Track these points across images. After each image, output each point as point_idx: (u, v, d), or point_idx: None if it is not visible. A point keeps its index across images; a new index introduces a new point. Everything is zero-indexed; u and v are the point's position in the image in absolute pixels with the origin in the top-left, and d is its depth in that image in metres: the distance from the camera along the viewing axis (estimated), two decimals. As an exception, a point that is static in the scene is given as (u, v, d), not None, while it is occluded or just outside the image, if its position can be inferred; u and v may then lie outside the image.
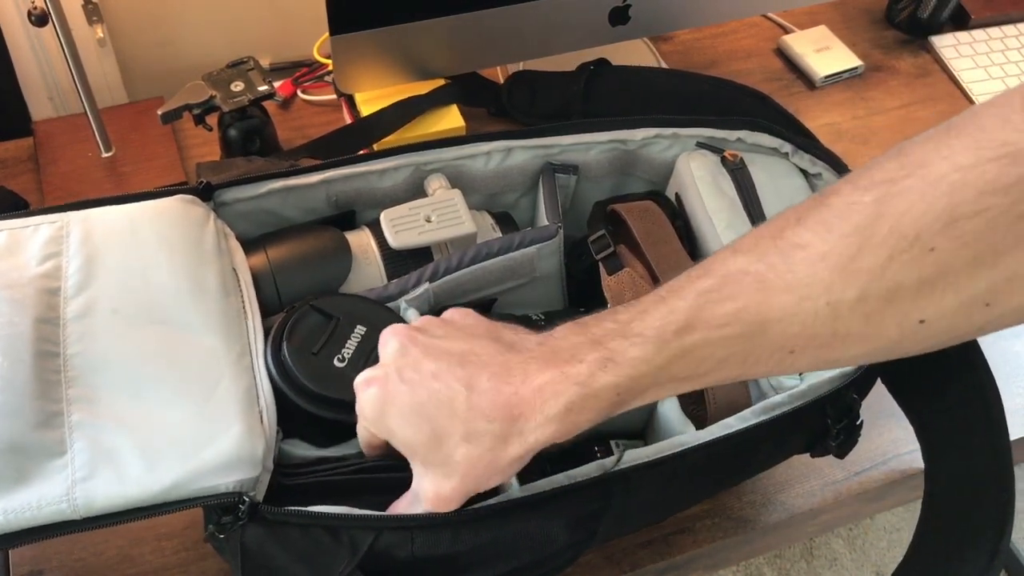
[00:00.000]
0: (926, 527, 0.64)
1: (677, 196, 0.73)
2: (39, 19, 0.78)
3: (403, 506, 0.51)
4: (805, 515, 0.70)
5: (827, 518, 0.73)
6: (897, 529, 1.59)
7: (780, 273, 0.42)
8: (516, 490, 0.53)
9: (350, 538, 0.50)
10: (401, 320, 0.61)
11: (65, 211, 0.59)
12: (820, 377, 0.58)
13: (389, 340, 0.51)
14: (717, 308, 0.44)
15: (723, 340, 0.44)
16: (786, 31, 1.11)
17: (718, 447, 0.56)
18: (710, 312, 0.44)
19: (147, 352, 0.53)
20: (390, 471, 0.53)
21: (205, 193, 0.63)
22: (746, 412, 0.57)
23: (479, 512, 0.51)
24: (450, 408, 0.47)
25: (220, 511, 0.49)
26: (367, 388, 0.49)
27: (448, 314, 0.53)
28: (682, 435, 0.57)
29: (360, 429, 0.53)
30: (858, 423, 0.59)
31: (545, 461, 0.54)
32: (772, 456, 0.63)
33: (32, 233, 0.57)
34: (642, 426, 0.66)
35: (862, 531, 1.59)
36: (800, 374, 0.61)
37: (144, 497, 0.47)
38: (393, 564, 0.51)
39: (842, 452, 0.61)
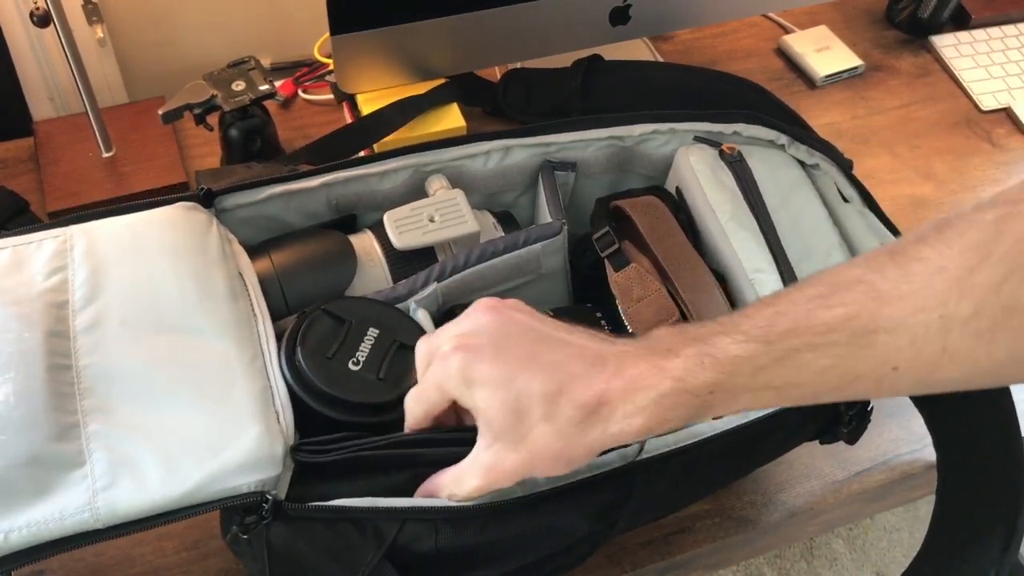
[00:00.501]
0: (939, 519, 0.64)
1: (678, 190, 0.73)
2: (41, 20, 0.78)
3: (448, 477, 0.50)
4: (805, 515, 0.70)
5: (827, 518, 0.73)
6: (897, 529, 1.59)
7: (894, 283, 0.42)
8: (542, 481, 0.53)
9: (375, 529, 0.50)
10: (413, 321, 0.61)
11: (67, 225, 0.59)
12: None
13: (480, 312, 0.50)
14: (826, 313, 0.43)
15: (828, 347, 0.43)
16: (786, 31, 1.11)
17: (736, 435, 0.56)
18: (818, 317, 0.43)
19: (159, 359, 0.53)
20: (423, 446, 0.52)
21: (206, 200, 0.63)
22: None
23: (507, 504, 0.51)
24: (540, 387, 0.47)
25: (243, 512, 0.49)
26: (458, 353, 0.49)
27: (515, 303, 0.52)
28: (700, 424, 0.57)
29: (421, 394, 0.51)
30: (869, 409, 0.60)
31: None
32: (785, 443, 0.64)
33: (36, 249, 0.58)
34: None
35: (862, 531, 1.59)
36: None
37: (166, 502, 0.48)
38: (418, 556, 0.51)
39: (853, 438, 0.61)
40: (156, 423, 0.51)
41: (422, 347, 0.52)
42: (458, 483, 0.50)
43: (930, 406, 0.67)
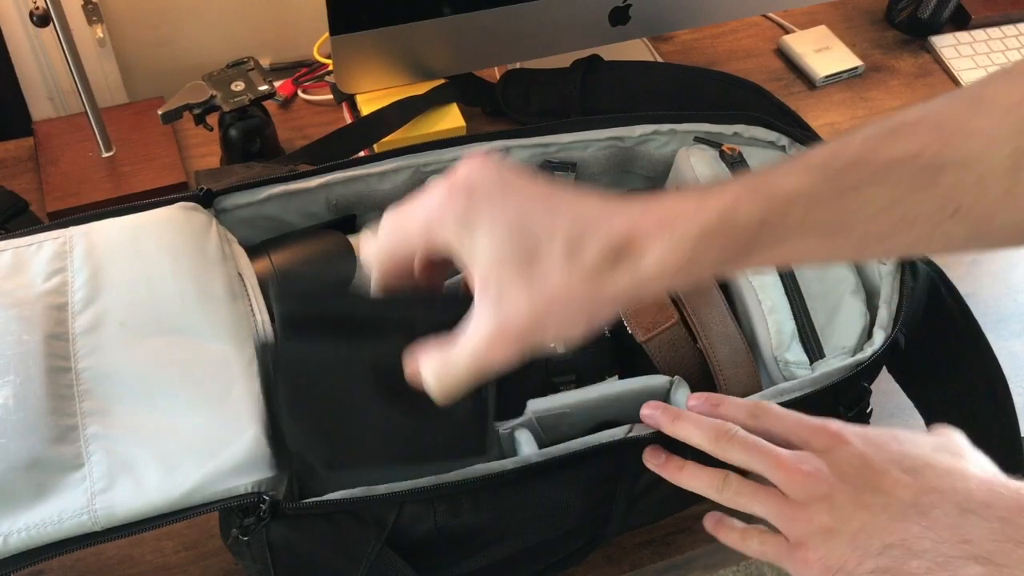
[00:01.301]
0: None
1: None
2: (41, 19, 0.78)
3: (436, 358, 0.43)
4: (805, 515, 0.70)
5: (827, 518, 0.72)
6: (897, 529, 1.59)
7: (963, 120, 0.40)
8: (534, 454, 0.54)
9: (374, 517, 0.51)
10: None
11: (67, 227, 0.59)
12: (831, 366, 0.58)
13: (475, 161, 0.43)
14: (890, 149, 0.40)
15: (891, 184, 0.40)
16: (786, 31, 1.11)
17: None
18: (882, 152, 0.40)
19: (158, 361, 0.53)
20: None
21: (206, 200, 0.63)
22: (755, 397, 0.57)
23: (499, 477, 0.52)
24: (561, 225, 0.40)
25: (242, 513, 0.49)
26: (459, 194, 0.41)
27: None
28: None
29: (396, 233, 0.44)
30: (868, 411, 0.60)
31: None
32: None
33: (36, 251, 0.58)
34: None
35: (862, 531, 1.59)
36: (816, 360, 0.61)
37: (164, 504, 0.48)
38: (419, 540, 0.52)
39: None
40: (155, 424, 0.51)
41: (392, 214, 0.44)
42: (445, 367, 0.42)
43: (927, 403, 0.67)
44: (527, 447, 0.56)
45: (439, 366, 0.43)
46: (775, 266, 0.47)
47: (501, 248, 0.40)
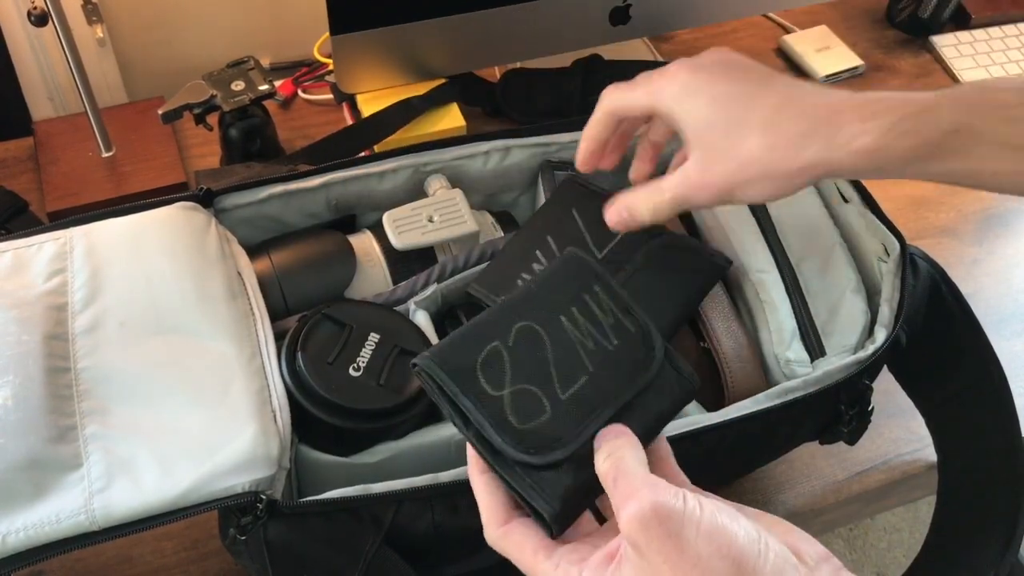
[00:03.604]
0: (939, 519, 0.65)
1: None
2: (39, 19, 0.78)
3: (643, 192, 0.53)
4: (806, 515, 0.70)
5: (827, 518, 0.73)
6: (897, 529, 1.59)
7: None
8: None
9: (371, 515, 0.51)
10: (414, 327, 0.61)
11: (67, 227, 0.59)
12: (834, 364, 0.58)
13: (711, 51, 0.51)
14: None
15: None
16: (786, 31, 1.10)
17: (733, 428, 0.56)
18: None
19: (157, 360, 0.53)
20: None
21: (205, 199, 0.63)
22: (760, 396, 0.57)
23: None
24: (767, 96, 0.47)
25: (239, 512, 0.49)
26: (685, 67, 0.50)
27: None
28: (701, 415, 0.57)
29: (621, 91, 0.54)
30: (869, 409, 0.60)
31: None
32: (784, 442, 0.64)
33: (36, 251, 0.58)
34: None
35: (862, 531, 1.59)
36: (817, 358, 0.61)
37: (162, 503, 0.48)
38: (418, 538, 0.51)
39: (853, 439, 0.61)
40: (153, 424, 0.51)
41: (618, 85, 0.54)
42: (655, 198, 0.51)
43: (928, 401, 0.67)
44: None
45: (650, 191, 0.53)
46: (961, 179, 0.47)
47: (713, 113, 0.47)
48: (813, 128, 0.45)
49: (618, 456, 0.40)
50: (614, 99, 0.55)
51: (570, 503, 0.41)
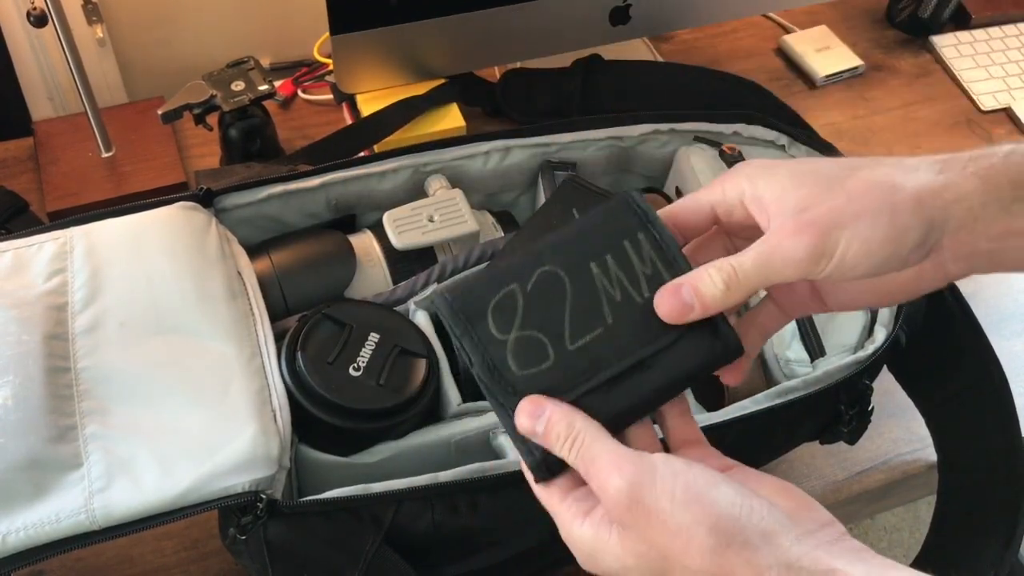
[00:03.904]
0: (939, 519, 0.65)
1: (677, 190, 0.73)
2: (38, 19, 0.78)
3: (719, 269, 0.43)
4: (805, 515, 0.70)
5: (827, 518, 0.72)
6: (897, 529, 1.59)
7: None
8: None
9: (371, 515, 0.51)
10: (414, 327, 0.61)
11: (67, 227, 0.59)
12: (834, 364, 0.58)
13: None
14: None
15: None
16: (786, 31, 1.10)
17: (733, 428, 0.56)
18: None
19: (157, 360, 0.53)
20: None
21: (206, 199, 0.63)
22: (760, 396, 0.57)
23: (496, 478, 0.51)
24: (847, 160, 0.44)
25: (239, 512, 0.49)
26: (744, 163, 0.45)
27: None
28: (697, 415, 0.57)
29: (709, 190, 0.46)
30: (869, 409, 0.60)
31: None
32: (784, 442, 0.64)
33: (37, 251, 0.58)
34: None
35: (862, 531, 1.59)
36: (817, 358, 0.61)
37: (161, 503, 0.48)
38: (418, 537, 0.51)
39: (853, 438, 0.61)
40: (153, 424, 0.51)
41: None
42: (731, 262, 0.42)
43: (928, 401, 0.67)
44: None
45: (725, 262, 0.42)
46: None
47: (800, 175, 0.42)
48: (922, 161, 0.41)
49: (583, 445, 0.40)
50: (687, 205, 0.46)
51: (555, 459, 0.41)
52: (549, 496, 0.42)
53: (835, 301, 0.47)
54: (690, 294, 0.43)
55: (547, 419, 0.41)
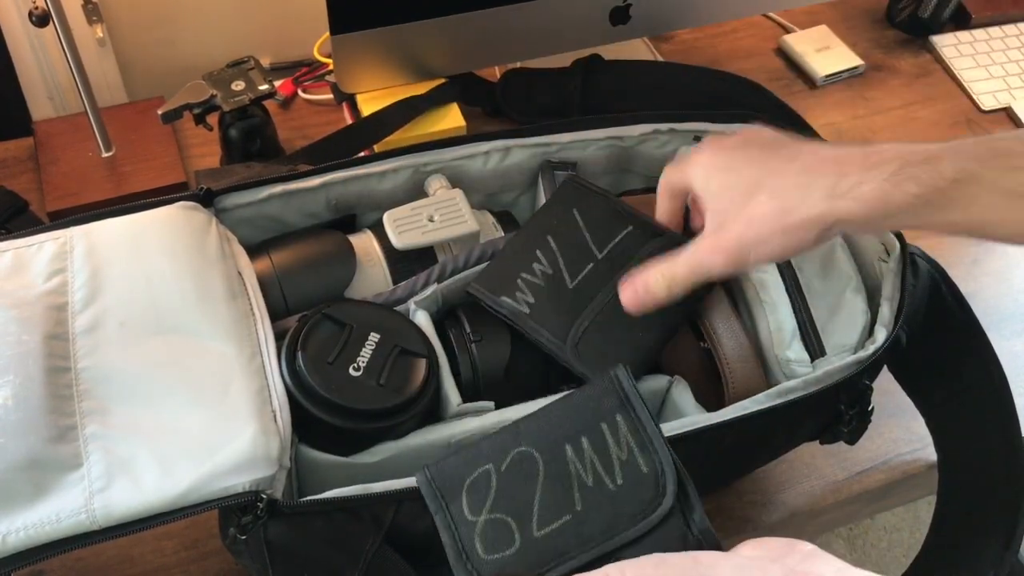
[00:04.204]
0: (939, 519, 0.65)
1: None
2: (40, 19, 0.78)
3: (661, 266, 0.55)
4: (805, 515, 0.70)
5: (827, 518, 0.73)
6: (897, 529, 1.59)
7: None
8: None
9: (371, 515, 0.51)
10: (414, 327, 0.61)
11: (67, 227, 0.59)
12: (834, 364, 0.58)
13: (739, 133, 0.56)
14: None
15: None
16: (787, 31, 1.10)
17: (733, 428, 0.56)
18: None
19: (157, 360, 0.53)
20: None
21: (206, 199, 0.63)
22: (760, 396, 0.57)
23: None
24: (772, 160, 0.50)
25: (239, 512, 0.49)
26: (705, 147, 0.56)
27: None
28: (696, 416, 0.57)
29: (668, 174, 0.60)
30: (869, 409, 0.60)
31: None
32: (784, 442, 0.64)
33: (37, 251, 0.58)
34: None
35: (862, 531, 1.59)
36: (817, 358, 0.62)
37: (162, 503, 0.48)
38: (418, 536, 0.51)
39: (853, 438, 0.61)
40: (153, 424, 0.51)
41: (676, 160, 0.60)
42: (669, 270, 0.54)
43: (929, 401, 0.67)
44: None
45: (664, 265, 0.54)
46: (967, 229, 0.47)
47: (727, 181, 0.52)
48: (818, 180, 0.47)
49: None
50: (665, 176, 0.60)
51: None
52: None
53: None
54: (643, 290, 0.56)
55: None
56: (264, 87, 0.83)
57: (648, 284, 0.55)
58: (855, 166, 0.47)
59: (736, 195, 0.51)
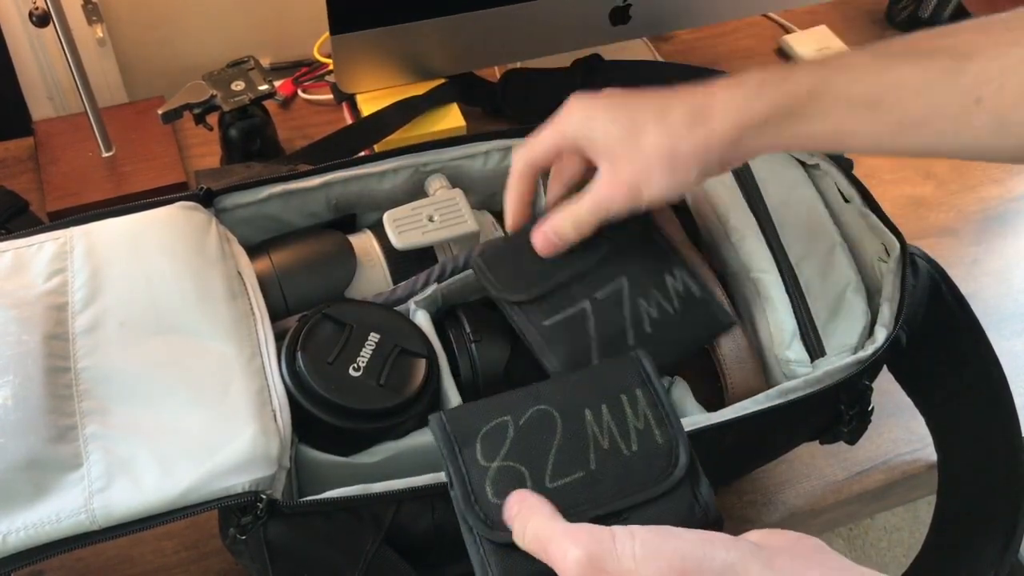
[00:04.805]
0: (939, 519, 0.65)
1: None
2: (40, 19, 0.78)
3: (564, 212, 0.57)
4: (805, 515, 0.70)
5: (827, 518, 0.73)
6: (897, 529, 1.59)
7: (998, 31, 0.46)
8: None
9: (371, 515, 0.51)
10: (414, 327, 0.61)
11: (67, 227, 0.59)
12: (834, 364, 0.58)
13: (581, 100, 0.57)
14: (937, 39, 0.48)
15: (924, 66, 0.47)
16: (787, 31, 1.10)
17: (733, 428, 0.56)
18: (929, 40, 0.48)
19: (157, 360, 0.53)
20: None
21: (206, 199, 0.63)
22: (760, 396, 0.57)
23: None
24: (651, 105, 0.53)
25: (239, 512, 0.49)
26: (578, 101, 0.56)
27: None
28: (696, 416, 0.57)
29: (535, 140, 0.59)
30: (869, 409, 0.60)
31: None
32: (784, 442, 0.64)
33: (37, 251, 0.58)
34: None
35: (862, 531, 1.59)
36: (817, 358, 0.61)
37: (162, 503, 0.48)
38: (418, 537, 0.51)
39: (853, 438, 0.61)
40: (153, 424, 0.51)
41: (525, 141, 0.59)
42: (574, 212, 0.56)
43: (929, 401, 0.68)
44: None
45: (568, 209, 0.57)
46: (827, 143, 0.52)
47: (614, 123, 0.54)
48: (696, 110, 0.51)
49: (534, 527, 0.40)
50: (523, 153, 0.59)
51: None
52: None
53: None
54: (552, 233, 0.58)
55: (507, 502, 0.42)
56: (264, 87, 0.83)
57: (557, 228, 0.58)
58: (723, 91, 0.51)
59: (626, 135, 0.53)
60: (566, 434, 0.44)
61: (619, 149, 0.53)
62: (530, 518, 0.41)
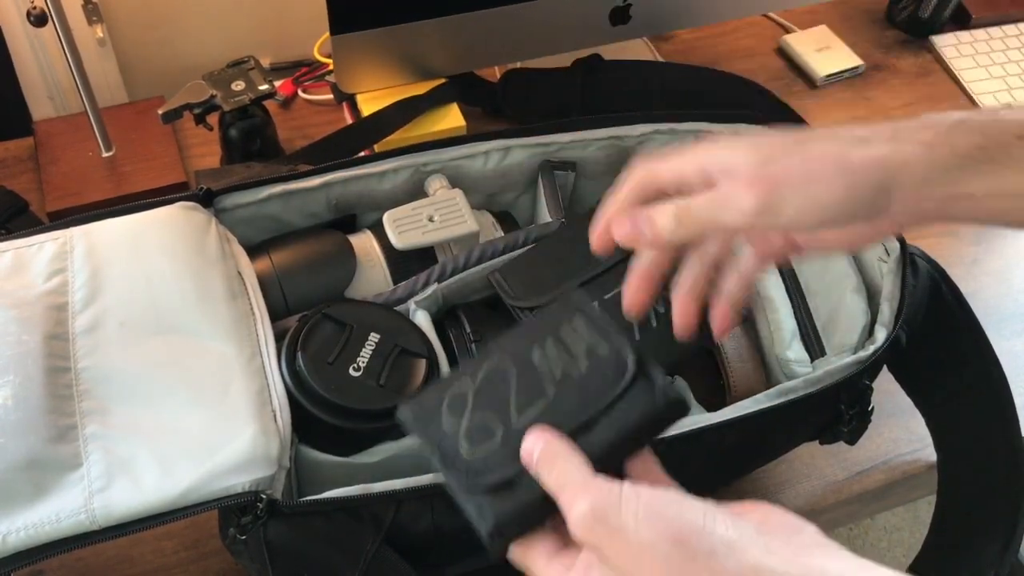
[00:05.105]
0: (939, 519, 0.65)
1: None
2: (38, 19, 0.78)
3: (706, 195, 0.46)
4: (805, 515, 0.69)
5: (827, 518, 0.73)
6: (897, 529, 1.59)
7: None
8: None
9: (371, 515, 0.51)
10: (414, 327, 0.61)
11: (68, 227, 0.59)
12: (834, 364, 0.58)
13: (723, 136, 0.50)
14: None
15: None
16: (787, 30, 1.10)
17: (733, 428, 0.56)
18: None
19: (157, 360, 0.53)
20: None
21: (206, 199, 0.63)
22: (760, 396, 0.57)
23: None
24: (817, 134, 0.45)
25: (239, 512, 0.49)
26: (716, 140, 0.47)
27: None
28: (702, 415, 0.57)
29: (679, 153, 0.48)
30: (869, 409, 0.60)
31: None
32: (785, 442, 0.64)
33: (37, 251, 0.58)
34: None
35: (862, 531, 1.59)
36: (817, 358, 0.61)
37: (162, 503, 0.48)
38: (418, 537, 0.52)
39: (853, 438, 0.61)
40: (153, 424, 0.51)
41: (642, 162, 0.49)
42: (682, 205, 0.45)
43: (929, 401, 0.68)
44: None
45: (677, 206, 0.45)
46: (994, 206, 0.44)
47: (753, 154, 0.44)
48: (874, 132, 0.44)
49: (559, 470, 0.41)
50: (646, 161, 0.48)
51: (508, 524, 0.42)
52: (534, 559, 0.42)
53: (806, 244, 0.49)
54: (646, 221, 0.46)
55: (541, 444, 0.42)
56: (264, 87, 0.83)
57: (653, 215, 0.46)
58: (912, 122, 0.44)
59: (776, 146, 0.44)
60: (520, 377, 0.46)
61: (772, 152, 0.44)
62: (555, 462, 0.41)
